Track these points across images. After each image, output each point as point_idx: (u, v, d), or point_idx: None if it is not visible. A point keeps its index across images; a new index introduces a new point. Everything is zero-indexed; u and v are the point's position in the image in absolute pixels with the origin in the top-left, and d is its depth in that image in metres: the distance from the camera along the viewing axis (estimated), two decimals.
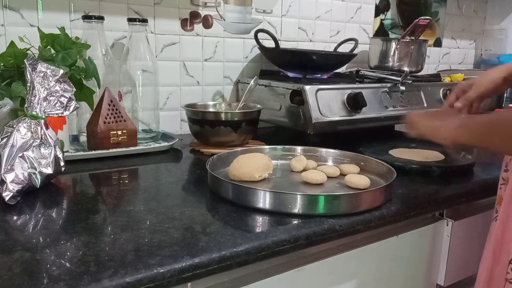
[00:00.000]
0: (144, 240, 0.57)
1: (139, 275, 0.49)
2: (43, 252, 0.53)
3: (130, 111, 1.09)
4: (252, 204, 0.68)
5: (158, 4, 1.18)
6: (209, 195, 0.76)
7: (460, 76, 1.54)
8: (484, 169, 0.96)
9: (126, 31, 1.12)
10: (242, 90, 1.32)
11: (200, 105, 1.15)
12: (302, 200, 0.66)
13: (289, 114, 1.16)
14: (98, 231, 0.60)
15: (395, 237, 0.79)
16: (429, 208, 0.80)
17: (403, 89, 1.27)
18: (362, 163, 0.89)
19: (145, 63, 1.09)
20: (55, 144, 0.76)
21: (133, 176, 0.91)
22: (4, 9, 1.00)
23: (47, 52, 0.89)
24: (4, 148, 0.70)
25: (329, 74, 1.30)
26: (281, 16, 1.41)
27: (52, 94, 0.76)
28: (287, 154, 0.95)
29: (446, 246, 0.87)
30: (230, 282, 0.61)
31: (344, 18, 1.58)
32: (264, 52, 1.32)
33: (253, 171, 0.79)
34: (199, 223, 0.63)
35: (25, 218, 0.64)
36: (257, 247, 0.58)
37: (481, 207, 0.93)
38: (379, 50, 1.53)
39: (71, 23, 1.07)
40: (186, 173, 0.92)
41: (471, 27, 2.04)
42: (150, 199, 0.73)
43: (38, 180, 0.72)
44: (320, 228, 0.64)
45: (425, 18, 1.46)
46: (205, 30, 1.28)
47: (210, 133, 1.04)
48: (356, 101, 1.14)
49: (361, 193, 0.71)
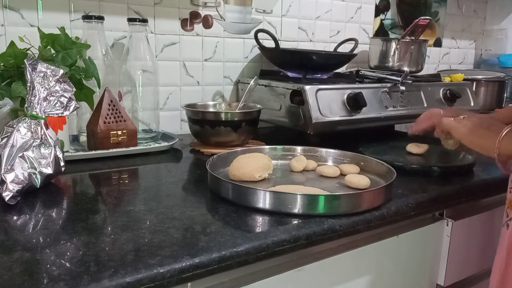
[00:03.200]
0: (144, 240, 0.57)
1: (139, 275, 0.49)
2: (43, 252, 0.53)
3: (130, 111, 1.09)
4: (252, 204, 0.68)
5: (158, 4, 1.18)
6: (209, 195, 0.76)
7: (460, 76, 1.54)
8: (484, 169, 0.96)
9: (126, 31, 1.12)
10: (242, 90, 1.32)
11: (200, 105, 1.15)
12: (302, 200, 0.66)
13: (289, 114, 1.16)
14: (98, 231, 0.60)
15: (395, 237, 0.79)
16: (429, 208, 0.80)
17: (403, 89, 1.27)
18: (362, 163, 0.89)
19: (145, 63, 1.09)
20: (55, 144, 0.76)
21: (133, 176, 0.91)
22: (4, 9, 1.00)
23: (47, 52, 0.89)
24: (4, 148, 0.70)
25: (329, 74, 1.30)
26: (281, 16, 1.41)
27: (52, 94, 0.76)
28: (287, 154, 0.95)
29: (446, 246, 0.87)
30: (230, 282, 0.61)
31: (344, 18, 1.58)
32: (264, 52, 1.32)
33: (253, 171, 0.79)
34: (199, 223, 0.63)
35: (25, 218, 0.64)
36: (257, 247, 0.58)
37: (481, 207, 0.93)
38: (379, 50, 1.53)
39: (71, 23, 1.07)
40: (186, 173, 0.92)
41: (471, 27, 2.04)
42: (150, 199, 0.73)
43: (38, 180, 0.72)
44: (320, 228, 0.64)
45: (425, 18, 1.46)
46: (205, 30, 1.28)
47: (210, 133, 1.04)
48: (356, 101, 1.14)
49: (361, 193, 0.71)
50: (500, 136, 0.67)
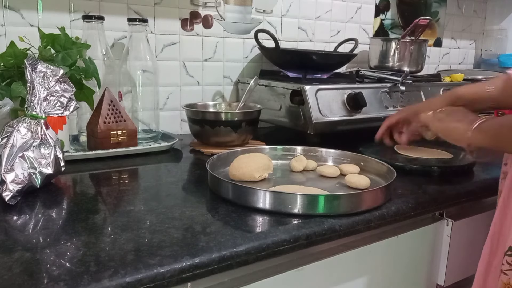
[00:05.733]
0: (144, 240, 0.57)
1: (139, 275, 0.49)
2: (43, 252, 0.53)
3: (130, 111, 1.09)
4: (252, 204, 0.68)
5: (158, 4, 1.18)
6: (209, 195, 0.76)
7: (460, 76, 1.54)
8: (484, 169, 0.96)
9: (126, 31, 1.12)
10: (242, 90, 1.32)
11: (200, 105, 1.15)
12: (302, 200, 0.66)
13: (289, 114, 1.16)
14: (98, 231, 0.60)
15: (395, 237, 0.79)
16: (429, 208, 0.80)
17: (403, 89, 1.27)
18: (362, 163, 0.89)
19: (145, 63, 1.09)
20: (55, 144, 0.76)
21: (133, 176, 0.91)
22: (4, 9, 1.00)
23: (47, 52, 0.89)
24: (4, 148, 0.70)
25: (329, 74, 1.30)
26: (281, 16, 1.41)
27: (52, 94, 0.76)
28: (287, 154, 0.95)
29: (446, 246, 0.87)
30: (230, 282, 0.61)
31: (344, 18, 1.58)
32: (264, 52, 1.32)
33: (253, 171, 0.79)
34: (199, 223, 0.63)
35: (25, 218, 0.64)
36: (257, 247, 0.58)
37: (481, 207, 0.93)
38: (379, 50, 1.54)
39: (71, 23, 1.07)
40: (186, 173, 0.92)
41: (471, 27, 2.04)
42: (150, 199, 0.73)
43: (38, 180, 0.72)
44: (320, 228, 0.64)
45: (425, 18, 1.46)
46: (205, 30, 1.28)
47: (210, 133, 1.04)
48: (356, 101, 1.14)
49: (361, 193, 0.71)
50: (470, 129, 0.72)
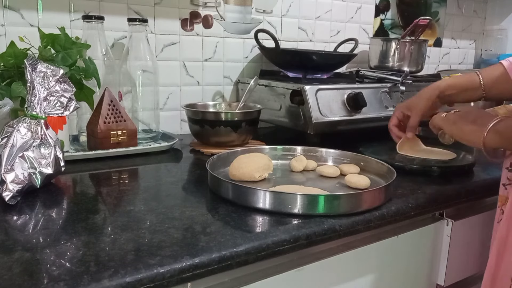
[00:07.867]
0: (144, 240, 0.57)
1: (139, 275, 0.49)
2: (43, 252, 0.53)
3: (130, 111, 1.09)
4: (252, 204, 0.68)
5: (158, 4, 1.18)
6: (209, 195, 0.76)
7: None
8: (484, 169, 0.96)
9: (126, 31, 1.12)
10: (242, 90, 1.32)
11: (200, 105, 1.15)
12: (302, 200, 0.66)
13: (289, 114, 1.16)
14: (98, 231, 0.60)
15: (395, 237, 0.79)
16: (429, 208, 0.80)
17: (403, 89, 1.27)
18: (362, 163, 0.89)
19: (145, 63, 1.09)
20: (55, 144, 0.76)
21: (133, 176, 0.91)
22: (4, 9, 1.00)
23: (47, 52, 0.89)
24: (4, 148, 0.70)
25: (329, 74, 1.30)
26: (281, 16, 1.41)
27: (52, 94, 0.76)
28: (287, 154, 0.95)
29: (446, 246, 0.87)
30: (230, 282, 0.61)
31: (344, 18, 1.58)
32: (264, 52, 1.32)
33: (253, 171, 0.79)
34: (199, 223, 0.63)
35: (25, 218, 0.64)
36: (257, 247, 0.58)
37: (481, 207, 0.93)
38: (379, 50, 1.53)
39: (71, 23, 1.07)
40: (186, 173, 0.92)
41: (471, 27, 2.04)
42: (150, 199, 0.73)
43: (38, 180, 0.72)
44: (320, 228, 0.64)
45: (425, 18, 1.46)
46: (205, 30, 1.28)
47: (210, 133, 1.04)
48: (356, 101, 1.14)
49: (361, 193, 0.71)
50: (485, 131, 0.70)
